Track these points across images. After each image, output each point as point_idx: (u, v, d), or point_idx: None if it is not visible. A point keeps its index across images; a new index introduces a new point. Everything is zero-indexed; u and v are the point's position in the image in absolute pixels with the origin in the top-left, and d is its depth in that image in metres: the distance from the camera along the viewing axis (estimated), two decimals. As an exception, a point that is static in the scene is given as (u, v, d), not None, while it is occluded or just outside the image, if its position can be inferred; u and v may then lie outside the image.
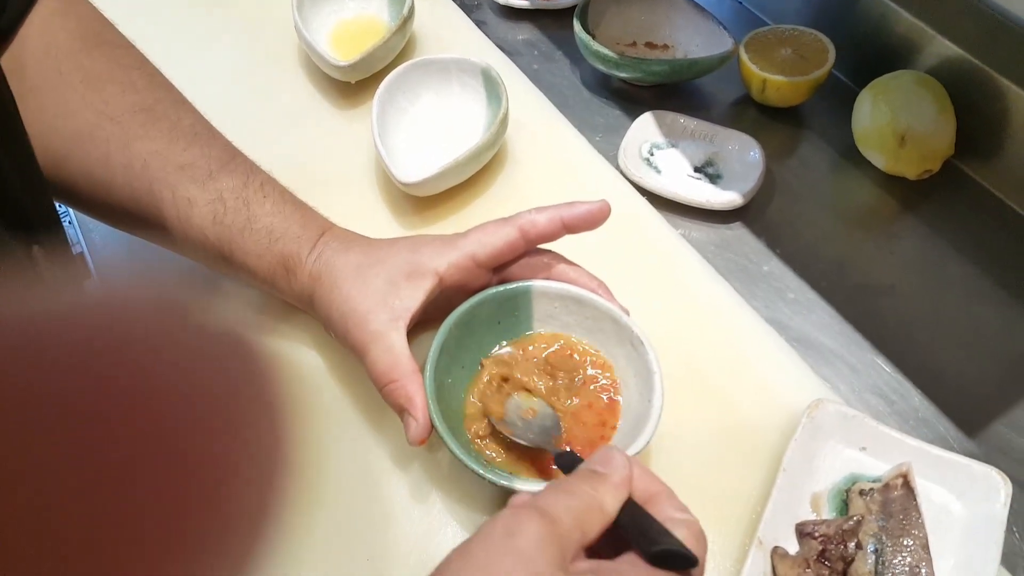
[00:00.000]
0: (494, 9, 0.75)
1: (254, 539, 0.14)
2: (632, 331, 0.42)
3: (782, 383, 0.47)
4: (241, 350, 0.15)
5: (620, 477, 0.31)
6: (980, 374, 0.50)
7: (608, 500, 0.30)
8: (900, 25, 0.61)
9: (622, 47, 0.68)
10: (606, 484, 0.30)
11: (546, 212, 0.42)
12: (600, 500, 0.30)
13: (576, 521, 0.29)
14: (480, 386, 0.43)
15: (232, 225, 0.44)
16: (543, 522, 0.27)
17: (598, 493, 0.30)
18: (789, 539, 0.41)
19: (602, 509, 0.29)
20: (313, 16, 0.64)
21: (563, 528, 0.28)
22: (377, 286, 0.41)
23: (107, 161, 0.43)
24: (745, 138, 0.59)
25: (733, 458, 0.44)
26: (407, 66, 0.58)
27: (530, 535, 0.27)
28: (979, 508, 0.41)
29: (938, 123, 0.57)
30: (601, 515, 0.29)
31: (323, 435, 0.45)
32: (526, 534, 0.27)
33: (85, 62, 0.44)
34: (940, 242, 0.57)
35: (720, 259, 0.56)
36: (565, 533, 0.28)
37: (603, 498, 0.30)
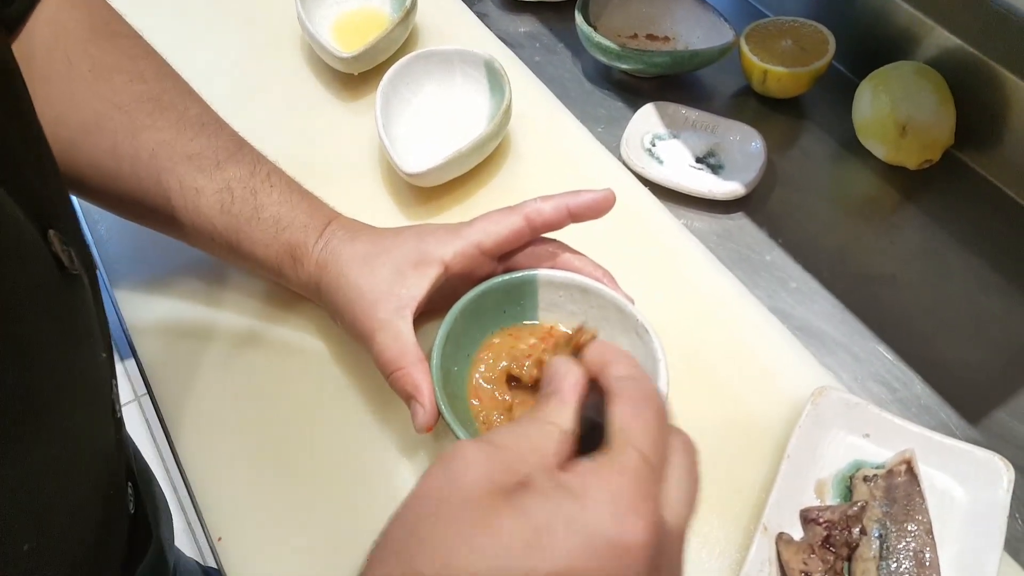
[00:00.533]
0: (496, 2, 0.75)
1: None
2: (637, 319, 0.42)
3: (785, 371, 0.47)
4: None
5: (567, 385, 0.28)
6: (981, 362, 0.51)
7: (561, 413, 0.27)
8: (900, 16, 0.62)
9: (623, 39, 0.68)
10: (553, 401, 0.27)
11: (551, 201, 0.43)
12: (552, 416, 0.27)
13: (524, 441, 0.25)
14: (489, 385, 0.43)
15: (239, 214, 0.44)
16: (481, 446, 0.25)
17: (549, 410, 0.27)
18: (794, 525, 0.41)
19: (556, 425, 0.26)
20: (316, 8, 0.64)
21: (506, 451, 0.25)
22: (383, 275, 0.42)
23: (115, 151, 0.43)
24: (746, 129, 0.60)
25: (737, 446, 0.44)
26: (410, 58, 0.59)
27: (468, 461, 0.24)
28: (982, 494, 0.42)
29: (938, 113, 0.57)
30: (558, 432, 0.26)
31: (330, 423, 0.46)
32: (465, 462, 0.24)
33: (93, 52, 0.44)
34: (941, 231, 0.57)
35: (722, 249, 0.56)
36: (511, 455, 0.25)
37: (554, 413, 0.27)
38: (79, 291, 0.31)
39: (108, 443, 0.34)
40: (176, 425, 0.46)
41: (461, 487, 0.23)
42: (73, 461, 0.29)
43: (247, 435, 0.46)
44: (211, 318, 0.50)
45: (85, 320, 0.32)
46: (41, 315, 0.27)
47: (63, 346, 0.29)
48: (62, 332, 0.29)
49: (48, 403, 0.27)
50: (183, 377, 0.48)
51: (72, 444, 0.29)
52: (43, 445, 0.26)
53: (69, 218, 0.34)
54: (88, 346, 0.32)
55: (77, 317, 0.31)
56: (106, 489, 0.33)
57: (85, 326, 0.32)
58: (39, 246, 0.28)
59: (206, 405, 0.47)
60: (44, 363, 0.27)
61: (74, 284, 0.31)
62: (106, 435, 0.34)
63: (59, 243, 0.29)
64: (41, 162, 0.32)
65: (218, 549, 0.42)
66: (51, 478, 0.27)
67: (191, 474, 0.45)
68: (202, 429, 0.46)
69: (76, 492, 0.29)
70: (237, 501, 0.43)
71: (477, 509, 0.23)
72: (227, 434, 0.46)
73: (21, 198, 0.27)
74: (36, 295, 0.27)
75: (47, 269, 0.28)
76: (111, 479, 0.34)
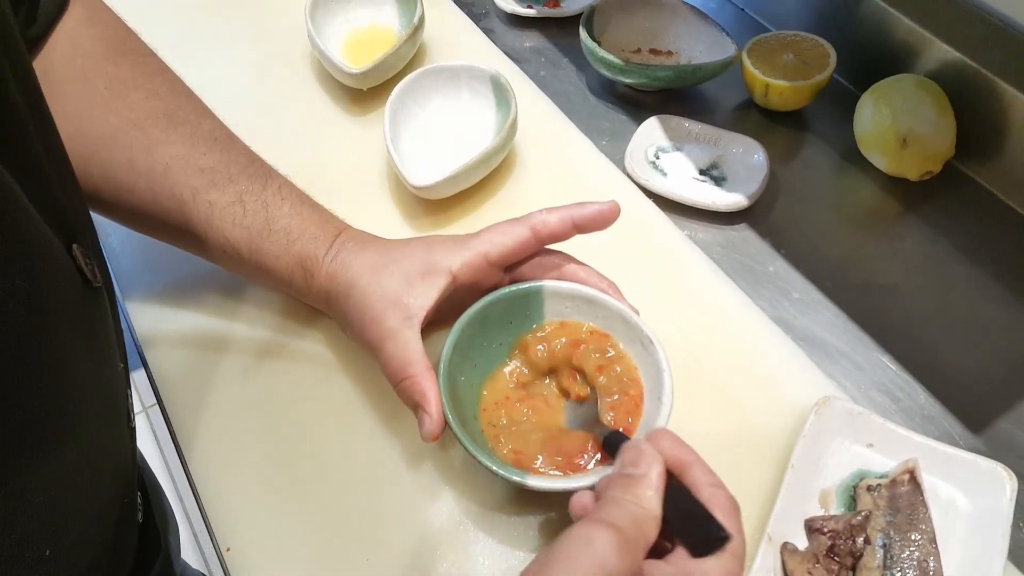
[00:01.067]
0: (502, 18, 0.76)
1: None
2: (642, 330, 0.43)
3: (789, 381, 0.48)
4: None
5: (655, 474, 0.33)
6: (984, 371, 0.51)
7: (655, 503, 0.32)
8: (900, 30, 0.62)
9: (627, 53, 0.69)
10: (645, 487, 0.32)
11: (557, 212, 0.43)
12: (648, 506, 0.32)
13: (639, 530, 0.31)
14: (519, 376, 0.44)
15: (251, 227, 0.45)
16: (613, 531, 0.30)
17: (641, 500, 0.32)
18: (798, 535, 0.42)
19: (654, 516, 0.32)
20: (326, 25, 0.65)
21: (630, 536, 0.30)
22: (392, 285, 0.42)
23: (130, 165, 0.44)
24: (749, 141, 0.60)
25: (742, 456, 0.45)
26: (418, 73, 0.60)
27: (607, 545, 0.29)
28: (985, 503, 0.42)
29: (938, 125, 0.58)
30: (655, 521, 0.32)
31: (338, 433, 0.46)
32: (604, 544, 0.29)
33: (110, 69, 0.45)
34: (942, 241, 0.58)
35: (726, 260, 0.57)
36: (632, 538, 0.30)
37: (648, 503, 0.32)
38: (101, 303, 0.32)
39: (124, 452, 0.35)
40: (186, 436, 0.47)
41: (602, 565, 0.29)
42: (94, 470, 0.30)
43: (256, 446, 0.46)
44: (221, 330, 0.51)
45: (106, 331, 0.32)
46: (70, 329, 0.28)
47: (89, 358, 0.29)
48: (87, 344, 0.29)
49: (75, 412, 0.28)
50: (194, 388, 0.48)
51: (94, 453, 0.30)
52: (68, 454, 0.27)
53: (90, 232, 0.34)
54: (109, 357, 0.33)
55: (100, 329, 0.31)
56: (121, 498, 0.34)
57: (106, 337, 0.32)
58: (66, 261, 0.29)
59: (216, 416, 0.47)
60: (73, 375, 0.28)
61: (97, 297, 0.31)
62: (123, 444, 0.34)
63: (83, 257, 0.30)
64: (64, 177, 0.33)
65: (227, 560, 0.42)
66: (73, 486, 0.28)
67: (201, 485, 0.45)
68: (212, 440, 0.47)
69: (95, 500, 0.30)
70: (246, 512, 0.44)
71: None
72: (237, 445, 0.46)
73: (47, 214, 0.28)
74: (65, 309, 0.28)
75: (73, 283, 0.29)
76: (126, 488, 0.35)
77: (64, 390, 0.27)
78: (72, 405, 0.27)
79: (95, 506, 0.30)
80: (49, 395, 0.26)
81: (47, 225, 0.27)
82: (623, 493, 0.32)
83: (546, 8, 0.75)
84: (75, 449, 0.28)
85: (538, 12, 0.74)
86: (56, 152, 0.33)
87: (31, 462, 0.25)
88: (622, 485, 0.33)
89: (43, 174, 0.30)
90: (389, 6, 0.68)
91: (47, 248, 0.27)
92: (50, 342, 0.26)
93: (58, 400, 0.26)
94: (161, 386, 0.49)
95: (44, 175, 0.30)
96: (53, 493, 0.26)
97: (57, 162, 0.32)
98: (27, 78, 0.31)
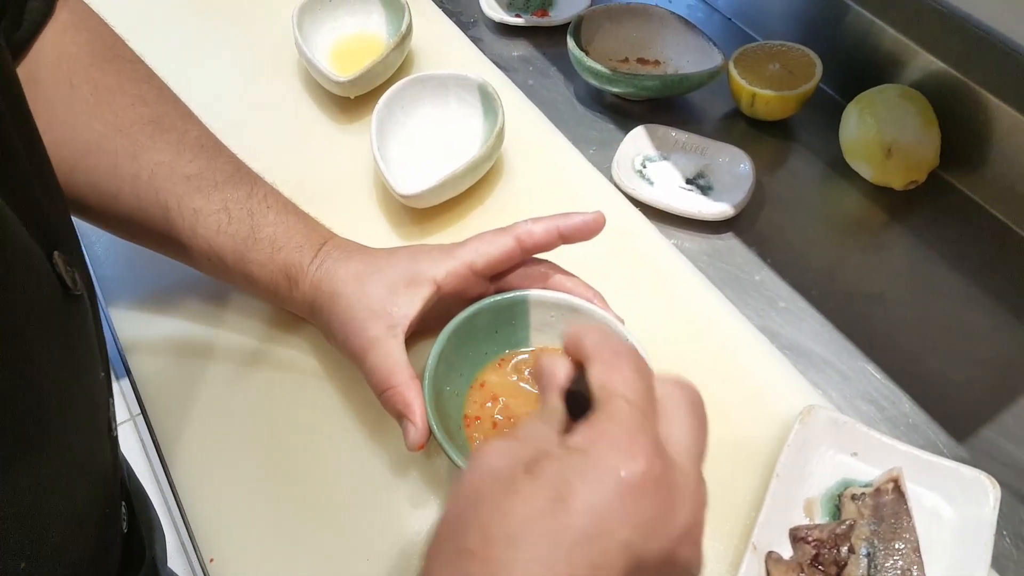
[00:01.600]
0: (490, 26, 0.76)
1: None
2: (627, 339, 0.43)
3: (774, 390, 0.48)
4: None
5: (555, 380, 0.30)
6: (968, 380, 0.51)
7: (554, 403, 0.30)
8: (885, 40, 0.63)
9: (615, 63, 0.69)
10: (546, 395, 0.30)
11: (542, 222, 0.43)
12: (545, 409, 0.29)
13: (535, 432, 0.28)
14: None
15: (236, 235, 0.44)
16: (504, 440, 0.28)
17: (543, 409, 0.30)
18: (783, 544, 0.42)
19: (552, 411, 0.29)
20: (313, 33, 0.65)
21: (523, 439, 0.28)
22: (376, 294, 0.42)
23: (115, 171, 0.44)
24: (735, 151, 0.61)
25: (727, 465, 0.45)
26: (405, 81, 0.60)
27: (494, 446, 0.27)
28: (969, 511, 0.42)
29: (923, 135, 0.58)
30: (554, 416, 0.29)
31: (323, 443, 0.46)
32: (491, 447, 0.27)
33: (96, 75, 0.45)
34: (927, 250, 0.58)
35: (712, 269, 0.57)
36: (526, 442, 0.27)
37: (548, 406, 0.30)
38: (81, 312, 0.32)
39: (105, 462, 0.34)
40: (170, 445, 0.47)
41: (491, 471, 0.26)
42: (72, 480, 0.29)
43: (240, 456, 0.46)
44: (206, 339, 0.50)
45: (86, 340, 0.32)
46: (46, 336, 0.28)
47: (66, 366, 0.29)
48: (65, 352, 0.29)
49: (51, 422, 0.27)
50: (178, 397, 0.48)
51: (71, 462, 0.29)
52: (44, 463, 0.27)
53: (72, 239, 0.34)
54: (88, 366, 0.32)
55: (79, 337, 0.31)
56: (102, 508, 0.34)
57: (86, 346, 0.32)
58: (45, 268, 0.29)
59: (200, 425, 0.47)
60: (48, 383, 0.27)
61: (77, 305, 0.31)
62: (103, 454, 0.34)
63: (63, 264, 0.30)
64: (46, 183, 0.33)
65: (210, 570, 0.42)
66: (50, 496, 0.27)
67: (184, 494, 0.45)
68: (195, 449, 0.46)
69: (73, 510, 0.30)
70: (230, 522, 0.44)
71: (505, 483, 0.26)
72: (220, 455, 0.46)
73: (28, 220, 0.28)
74: (42, 316, 0.27)
75: (52, 290, 0.29)
76: (107, 498, 0.35)
77: (39, 398, 0.26)
78: (47, 413, 0.27)
79: (73, 517, 0.30)
80: (23, 403, 0.25)
81: (28, 232, 0.27)
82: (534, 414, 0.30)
83: (534, 17, 0.75)
84: (51, 459, 0.27)
85: (526, 21, 0.74)
86: (38, 159, 0.32)
87: (2, 472, 0.24)
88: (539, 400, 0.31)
89: (25, 181, 0.29)
90: (377, 14, 0.68)
91: (26, 255, 0.27)
92: (25, 349, 0.26)
93: (32, 408, 0.26)
94: (144, 395, 0.49)
95: (26, 182, 0.29)
96: (27, 504, 0.26)
97: (39, 169, 0.32)
98: (9, 84, 0.31)
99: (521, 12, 0.75)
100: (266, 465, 0.45)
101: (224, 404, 0.48)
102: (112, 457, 0.36)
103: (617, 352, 0.29)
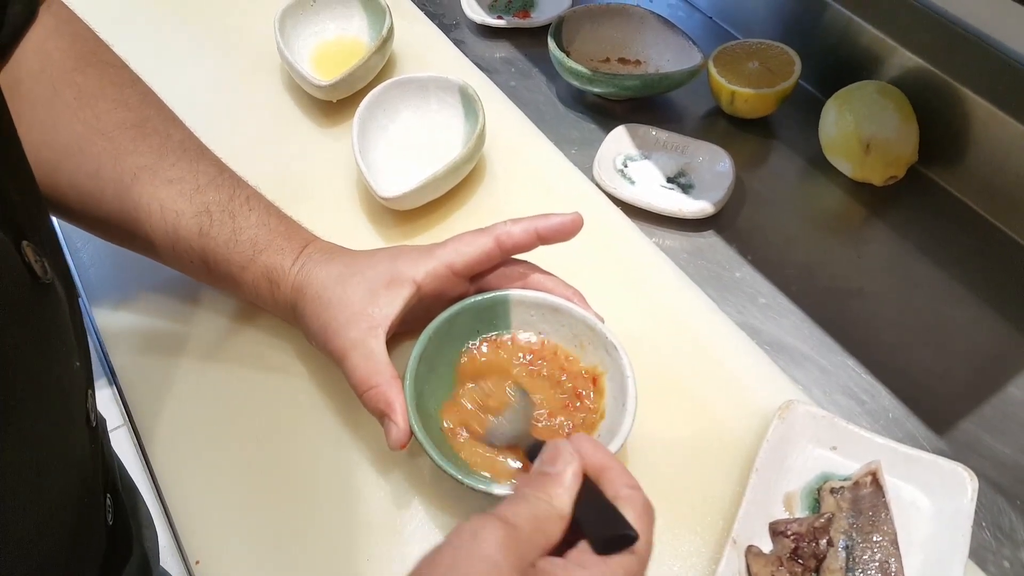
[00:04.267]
0: (472, 28, 0.76)
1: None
2: (607, 338, 0.43)
3: (754, 386, 0.48)
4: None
5: (570, 474, 0.32)
6: (948, 373, 0.52)
7: (564, 502, 0.31)
8: (863, 37, 0.63)
9: (596, 63, 0.70)
10: (557, 486, 0.31)
11: (521, 223, 0.44)
12: (558, 504, 0.31)
13: (537, 527, 0.30)
14: (460, 389, 0.44)
15: (217, 237, 0.45)
16: (505, 528, 0.29)
17: (552, 498, 0.31)
18: (763, 538, 0.42)
19: (561, 514, 0.31)
20: (295, 37, 0.65)
21: (523, 534, 0.29)
22: (357, 295, 0.42)
23: (98, 174, 0.44)
24: (715, 149, 0.61)
25: (707, 460, 0.45)
26: (387, 85, 0.60)
27: (492, 540, 0.28)
28: (947, 503, 0.42)
29: (901, 131, 0.59)
30: (560, 520, 0.31)
31: (306, 444, 0.46)
32: (489, 540, 0.28)
33: (78, 80, 0.45)
34: (907, 245, 0.59)
35: (693, 266, 0.57)
36: (526, 539, 0.29)
37: (559, 502, 0.31)
38: (52, 300, 0.32)
39: (82, 451, 0.34)
40: (154, 447, 0.47)
41: (487, 558, 0.28)
42: (42, 467, 0.29)
43: (225, 458, 0.46)
44: (190, 341, 0.51)
45: (59, 328, 0.32)
46: (11, 322, 0.28)
47: (34, 353, 0.29)
48: (33, 339, 0.29)
49: (16, 407, 0.27)
50: (161, 399, 0.48)
51: (41, 450, 0.29)
52: (11, 449, 0.27)
53: (45, 230, 0.34)
54: (63, 354, 0.32)
55: (50, 325, 0.31)
56: (79, 496, 0.34)
57: (59, 334, 0.32)
58: (12, 256, 0.29)
59: (183, 427, 0.47)
60: (13, 368, 0.27)
61: (47, 293, 0.31)
62: (80, 443, 0.34)
63: (32, 254, 0.30)
64: (19, 178, 0.33)
65: (196, 573, 0.42)
66: (18, 483, 0.28)
67: (169, 497, 0.45)
68: (179, 452, 0.46)
69: (45, 498, 0.30)
70: (215, 525, 0.44)
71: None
72: (205, 457, 0.46)
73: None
74: (7, 302, 0.27)
75: (19, 278, 0.29)
76: (85, 489, 0.35)
77: (3, 385, 0.27)
78: (13, 400, 0.27)
79: (43, 505, 0.30)
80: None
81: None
82: (533, 490, 0.31)
83: (516, 19, 0.75)
84: (17, 446, 0.27)
85: (508, 23, 0.75)
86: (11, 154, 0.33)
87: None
88: (535, 482, 0.32)
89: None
90: (358, 18, 0.68)
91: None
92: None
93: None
94: (128, 396, 0.49)
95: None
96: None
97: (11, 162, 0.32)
98: None
99: (503, 14, 0.76)
100: (251, 468, 0.46)
101: (208, 406, 0.48)
102: (91, 447, 0.36)
103: (648, 508, 0.32)
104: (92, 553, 0.36)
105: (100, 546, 0.38)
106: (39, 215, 0.34)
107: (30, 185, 0.34)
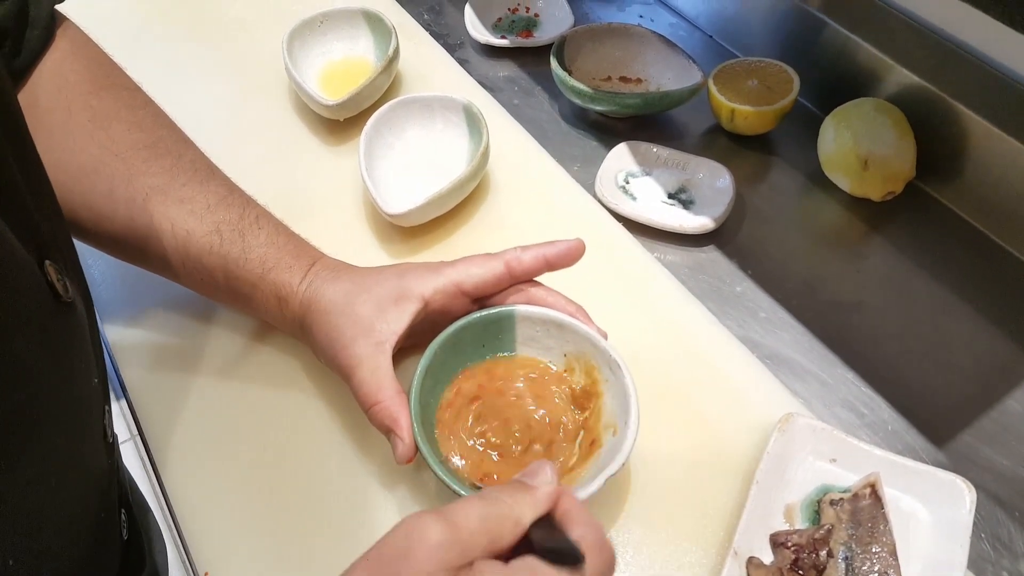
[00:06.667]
0: (476, 48, 0.78)
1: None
2: (610, 355, 0.44)
3: (755, 399, 0.49)
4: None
5: (545, 491, 0.31)
6: (946, 386, 0.52)
7: (525, 511, 0.30)
8: (861, 55, 0.64)
9: (597, 82, 0.71)
10: (528, 496, 0.30)
11: (530, 251, 0.45)
12: (517, 511, 0.29)
13: (483, 527, 0.28)
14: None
15: (227, 255, 0.46)
16: (444, 527, 0.27)
17: (516, 504, 0.30)
18: (764, 549, 0.42)
19: (517, 520, 0.29)
20: (302, 58, 0.67)
21: (464, 534, 0.27)
22: (364, 311, 0.43)
23: (111, 194, 0.45)
24: (716, 165, 0.62)
25: (708, 472, 0.45)
26: (393, 104, 0.61)
27: (427, 539, 0.27)
28: (945, 514, 0.43)
29: (899, 147, 0.60)
30: (514, 525, 0.29)
31: (314, 457, 0.47)
32: (423, 538, 0.27)
33: (94, 103, 0.46)
34: (905, 260, 0.59)
35: (694, 281, 0.58)
36: (467, 539, 0.27)
37: (520, 509, 0.30)
38: (73, 319, 0.33)
39: (99, 466, 0.35)
40: (164, 460, 0.47)
41: (416, 558, 0.26)
42: (62, 480, 0.30)
43: (234, 470, 0.47)
44: (200, 356, 0.52)
45: (79, 346, 0.33)
46: (35, 339, 0.29)
47: (56, 369, 0.30)
48: (55, 356, 0.30)
49: (39, 422, 0.28)
50: (171, 413, 0.49)
51: (62, 463, 0.30)
52: (33, 463, 0.28)
53: (67, 250, 0.35)
54: (82, 371, 0.33)
55: (71, 343, 0.32)
56: (97, 511, 0.34)
57: (79, 352, 0.33)
58: (36, 276, 0.30)
59: (194, 440, 0.48)
60: (37, 384, 0.28)
61: (69, 311, 0.32)
62: (97, 458, 0.35)
63: (55, 273, 0.31)
64: (41, 197, 0.34)
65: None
66: (39, 495, 0.28)
67: (178, 509, 0.46)
68: (188, 465, 0.47)
69: (64, 510, 0.30)
70: (223, 537, 0.44)
71: None
72: (213, 469, 0.47)
73: (20, 230, 0.29)
74: (30, 320, 0.28)
75: (43, 298, 0.30)
76: (102, 502, 0.35)
77: (27, 400, 0.27)
78: (36, 415, 0.28)
79: (63, 518, 0.30)
80: (9, 402, 0.26)
81: (20, 241, 0.28)
82: (503, 491, 0.30)
83: (519, 38, 0.77)
84: (39, 460, 0.28)
85: (511, 43, 0.76)
86: (34, 175, 0.34)
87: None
88: (510, 486, 0.31)
89: (17, 194, 0.31)
90: (364, 38, 0.69)
91: (15, 262, 0.28)
92: (11, 351, 0.27)
93: (20, 409, 0.27)
94: (139, 410, 0.50)
95: (18, 195, 0.31)
96: (16, 499, 0.27)
97: (35, 184, 0.33)
98: (6, 106, 0.33)
99: (506, 34, 0.77)
100: (259, 480, 0.46)
101: (218, 419, 0.49)
102: (108, 462, 0.37)
103: (606, 545, 0.30)
104: (109, 565, 0.37)
105: (116, 560, 0.39)
106: (61, 235, 0.36)
107: (52, 206, 0.35)
